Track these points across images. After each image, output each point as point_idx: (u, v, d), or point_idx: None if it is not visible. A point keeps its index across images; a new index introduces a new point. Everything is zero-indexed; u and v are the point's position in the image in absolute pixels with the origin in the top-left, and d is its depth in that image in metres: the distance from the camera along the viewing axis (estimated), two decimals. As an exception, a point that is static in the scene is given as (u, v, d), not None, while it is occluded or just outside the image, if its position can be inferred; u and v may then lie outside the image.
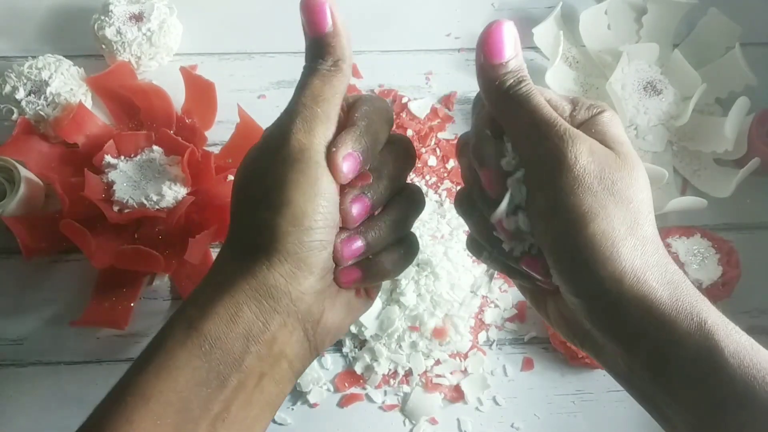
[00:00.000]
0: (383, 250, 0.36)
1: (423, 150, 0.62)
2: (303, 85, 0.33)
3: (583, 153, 0.30)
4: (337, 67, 0.33)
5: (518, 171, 0.33)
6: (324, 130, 0.32)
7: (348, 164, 0.32)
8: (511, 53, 0.32)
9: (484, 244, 0.36)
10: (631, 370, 0.31)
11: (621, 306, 0.30)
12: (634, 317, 0.30)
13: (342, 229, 0.34)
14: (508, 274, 0.37)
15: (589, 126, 0.33)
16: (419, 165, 0.61)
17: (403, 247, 0.36)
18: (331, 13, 0.33)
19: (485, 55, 0.32)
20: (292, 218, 0.32)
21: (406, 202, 0.36)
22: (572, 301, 0.32)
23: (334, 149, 0.32)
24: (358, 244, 0.34)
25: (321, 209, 0.32)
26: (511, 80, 0.32)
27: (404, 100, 0.64)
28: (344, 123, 0.35)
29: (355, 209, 0.33)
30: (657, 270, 0.30)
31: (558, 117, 0.32)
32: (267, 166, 0.33)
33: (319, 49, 0.33)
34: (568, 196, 0.30)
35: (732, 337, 0.29)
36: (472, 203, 0.36)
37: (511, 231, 0.33)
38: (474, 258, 0.56)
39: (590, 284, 0.30)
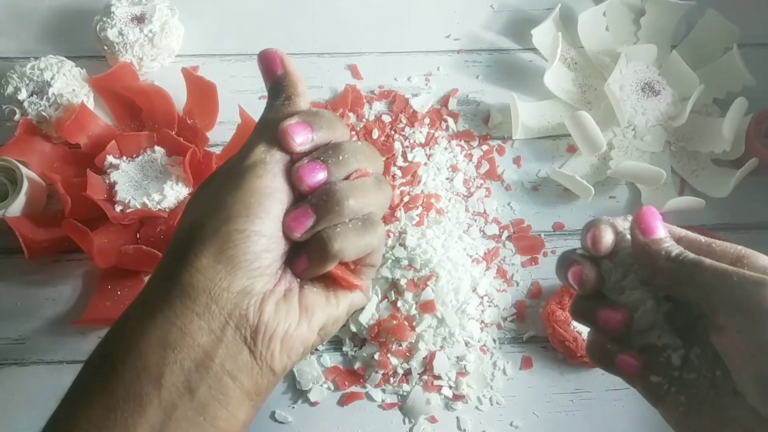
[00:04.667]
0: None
1: (429, 151, 0.62)
2: (260, 119, 0.35)
3: None
4: (289, 100, 0.35)
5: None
6: (271, 150, 0.33)
7: (299, 133, 0.32)
8: (665, 233, 0.34)
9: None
10: None
11: None
12: None
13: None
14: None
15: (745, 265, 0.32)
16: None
17: (354, 222, 0.33)
18: (281, 59, 0.35)
19: (645, 233, 0.33)
20: (209, 212, 0.31)
21: (368, 181, 0.34)
22: None
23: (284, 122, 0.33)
24: (305, 212, 0.32)
25: (243, 199, 0.31)
26: (676, 249, 0.33)
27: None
28: None
29: (306, 170, 0.32)
30: None
31: (737, 268, 0.31)
32: (215, 182, 0.33)
33: (275, 89, 0.36)
34: None
35: None
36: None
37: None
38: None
39: None
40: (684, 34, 0.68)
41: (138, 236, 0.56)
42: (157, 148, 0.58)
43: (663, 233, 0.34)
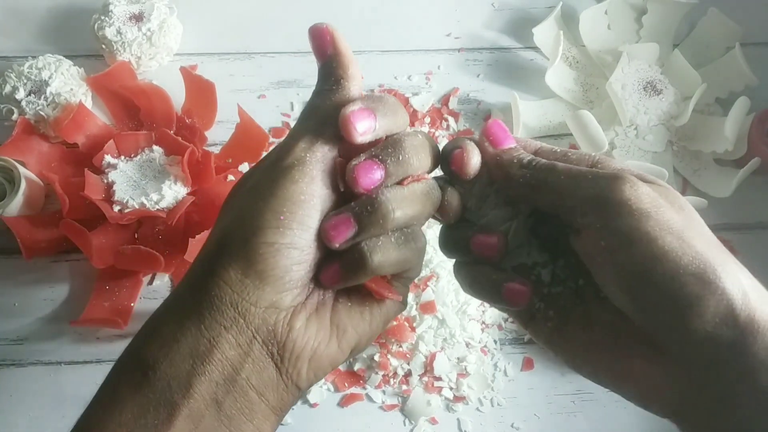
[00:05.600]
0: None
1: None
2: (307, 105, 0.33)
3: (639, 182, 0.29)
4: (338, 84, 0.32)
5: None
6: (313, 146, 0.30)
7: (362, 121, 0.30)
8: (515, 143, 0.33)
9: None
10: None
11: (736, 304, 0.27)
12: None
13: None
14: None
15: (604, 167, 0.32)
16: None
17: (397, 236, 0.31)
18: (332, 37, 0.33)
19: (494, 144, 0.33)
20: (240, 220, 0.29)
21: (418, 190, 0.31)
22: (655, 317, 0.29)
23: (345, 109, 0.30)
24: (347, 221, 0.30)
25: (275, 208, 0.29)
26: (527, 156, 0.32)
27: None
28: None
29: (363, 170, 0.30)
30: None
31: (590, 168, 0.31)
32: (250, 183, 0.31)
33: (324, 72, 0.33)
34: (639, 223, 0.28)
35: None
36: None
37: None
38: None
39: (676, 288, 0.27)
40: (686, 32, 0.67)
41: (136, 236, 0.56)
42: (155, 147, 0.58)
43: (513, 143, 0.33)
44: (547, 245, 0.34)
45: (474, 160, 0.32)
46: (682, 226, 0.28)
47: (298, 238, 0.29)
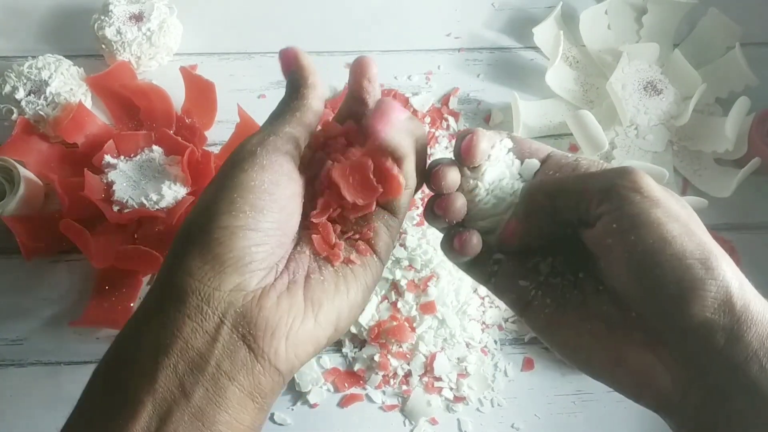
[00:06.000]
0: None
1: (429, 151, 0.62)
2: (270, 115, 0.35)
3: (647, 175, 0.31)
4: (297, 93, 0.34)
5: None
6: (265, 141, 0.32)
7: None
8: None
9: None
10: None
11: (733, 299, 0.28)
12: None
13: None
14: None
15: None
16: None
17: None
18: (296, 55, 0.36)
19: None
20: (197, 213, 0.30)
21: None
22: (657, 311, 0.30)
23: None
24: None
25: (226, 196, 0.30)
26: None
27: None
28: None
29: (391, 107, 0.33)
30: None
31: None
32: (211, 182, 0.33)
33: (290, 85, 0.35)
34: (648, 212, 0.29)
35: None
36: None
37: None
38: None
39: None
40: (686, 32, 0.67)
41: (136, 236, 0.56)
42: (155, 147, 0.57)
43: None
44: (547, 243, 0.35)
45: (481, 146, 0.33)
46: (686, 217, 0.30)
47: (253, 220, 0.30)
